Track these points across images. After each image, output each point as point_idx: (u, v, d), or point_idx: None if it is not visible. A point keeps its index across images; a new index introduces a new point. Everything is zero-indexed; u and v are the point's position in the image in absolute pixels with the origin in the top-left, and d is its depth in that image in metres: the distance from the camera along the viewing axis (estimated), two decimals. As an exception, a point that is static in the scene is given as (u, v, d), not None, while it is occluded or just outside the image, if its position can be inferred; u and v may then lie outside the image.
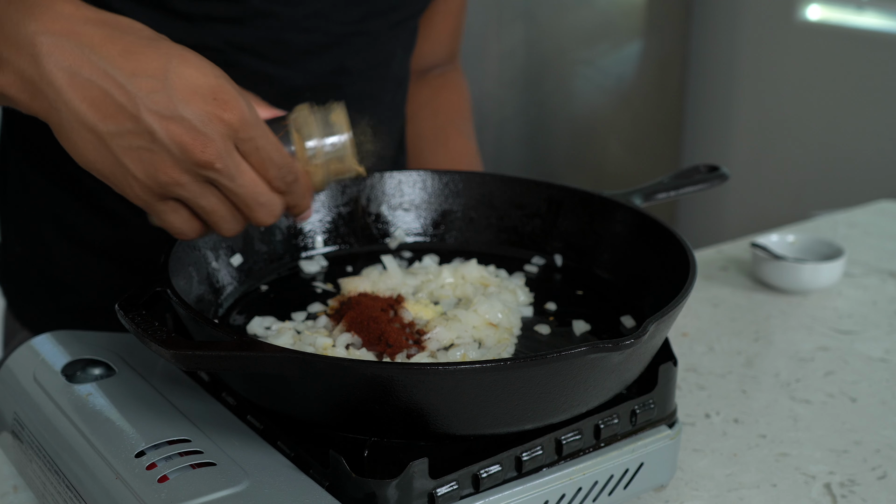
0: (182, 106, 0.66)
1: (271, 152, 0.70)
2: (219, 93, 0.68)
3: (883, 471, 0.90)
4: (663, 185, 1.00)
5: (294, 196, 0.74)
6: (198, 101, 0.67)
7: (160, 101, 0.66)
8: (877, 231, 1.49)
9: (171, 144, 0.67)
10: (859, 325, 1.18)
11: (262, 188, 0.71)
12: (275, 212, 0.73)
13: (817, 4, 2.89)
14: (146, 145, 0.67)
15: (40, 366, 0.82)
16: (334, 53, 1.03)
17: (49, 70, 0.67)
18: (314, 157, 0.74)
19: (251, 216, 0.72)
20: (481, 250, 0.98)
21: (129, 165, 0.68)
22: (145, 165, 0.68)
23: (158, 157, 0.67)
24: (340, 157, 0.75)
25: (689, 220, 3.27)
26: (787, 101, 2.98)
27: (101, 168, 0.69)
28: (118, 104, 0.66)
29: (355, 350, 0.78)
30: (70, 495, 0.72)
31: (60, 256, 1.10)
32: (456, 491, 0.69)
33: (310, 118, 0.75)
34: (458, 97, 1.30)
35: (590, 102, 2.99)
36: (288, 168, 0.72)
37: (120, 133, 0.67)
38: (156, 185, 0.69)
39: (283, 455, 0.72)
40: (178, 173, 0.68)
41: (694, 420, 0.97)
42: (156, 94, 0.66)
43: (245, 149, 0.69)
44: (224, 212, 0.71)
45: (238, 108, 0.68)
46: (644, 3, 3.02)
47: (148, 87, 0.66)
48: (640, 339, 0.68)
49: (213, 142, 0.67)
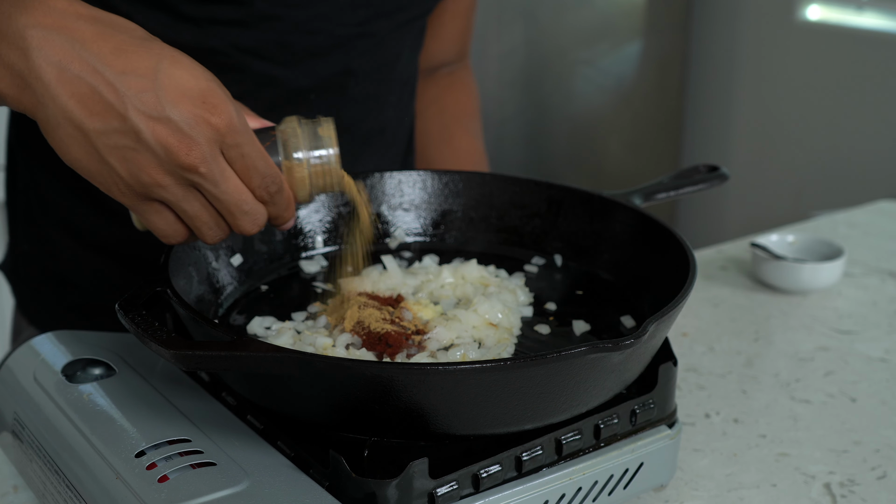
0: (170, 107, 0.66)
1: (256, 160, 0.70)
2: (208, 96, 0.67)
3: (883, 471, 0.90)
4: (663, 185, 1.00)
5: (277, 207, 0.73)
6: (186, 104, 0.66)
7: (148, 102, 0.66)
8: (877, 231, 1.49)
9: (157, 146, 0.66)
10: (859, 325, 1.18)
11: (246, 196, 0.70)
12: (258, 221, 0.72)
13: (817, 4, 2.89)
14: (131, 145, 0.66)
15: (40, 366, 0.82)
16: (339, 55, 1.03)
17: (38, 64, 0.66)
18: (300, 168, 0.74)
19: (234, 224, 0.72)
20: (481, 250, 0.98)
21: (114, 164, 0.67)
22: (129, 165, 0.67)
23: (143, 158, 0.67)
24: (327, 170, 0.75)
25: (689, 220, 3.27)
26: (787, 101, 2.98)
27: (85, 165, 0.68)
28: (106, 102, 0.66)
29: (355, 350, 0.78)
30: (70, 495, 0.72)
31: (67, 255, 1.11)
32: (456, 491, 0.69)
33: (298, 130, 0.74)
34: (466, 96, 1.30)
35: (590, 102, 2.99)
36: (272, 178, 0.71)
37: (106, 131, 0.66)
38: (139, 186, 0.68)
39: (283, 455, 0.72)
40: (161, 175, 0.67)
41: (694, 420, 0.97)
42: (144, 93, 0.66)
43: (231, 155, 0.69)
44: (207, 218, 0.71)
45: (226, 113, 0.67)
46: (644, 3, 3.02)
47: (137, 86, 0.66)
48: (640, 339, 0.68)
49: (199, 145, 0.66)
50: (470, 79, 1.31)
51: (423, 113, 1.26)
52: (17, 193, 1.15)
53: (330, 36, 1.01)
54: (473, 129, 1.28)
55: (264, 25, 0.98)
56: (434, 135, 1.26)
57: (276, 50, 1.00)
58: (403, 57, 1.11)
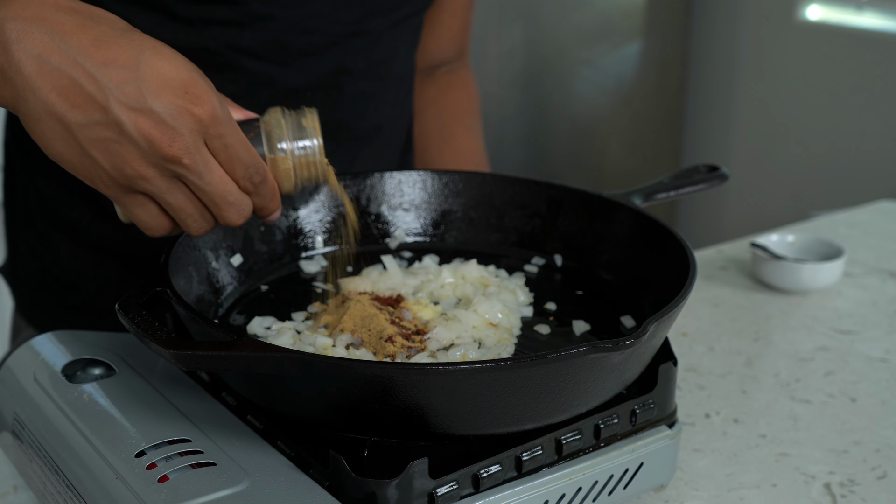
0: (152, 99, 0.65)
1: (240, 151, 0.69)
2: (190, 87, 0.66)
3: (883, 471, 0.90)
4: (663, 185, 1.00)
5: (261, 198, 0.73)
6: (168, 95, 0.66)
7: (130, 93, 0.65)
8: (877, 231, 1.49)
9: (139, 137, 0.65)
10: (859, 325, 1.18)
11: (230, 187, 0.70)
12: (243, 212, 0.72)
13: (817, 4, 2.89)
14: (114, 137, 0.66)
15: (40, 366, 0.82)
16: (334, 53, 1.03)
17: (18, 57, 0.65)
18: (284, 160, 0.74)
19: (220, 215, 0.71)
20: (481, 250, 0.98)
21: (97, 157, 0.67)
22: (112, 157, 0.66)
23: (125, 150, 0.66)
24: (311, 161, 0.75)
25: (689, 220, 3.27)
26: (787, 101, 2.98)
27: (69, 158, 0.68)
28: (87, 94, 0.65)
29: (355, 350, 0.78)
30: (70, 495, 0.72)
31: (65, 255, 1.11)
32: (456, 491, 0.69)
33: (282, 121, 0.74)
34: (466, 95, 1.29)
35: (590, 102, 2.99)
36: (256, 168, 0.71)
37: (88, 124, 0.66)
38: (122, 178, 0.67)
39: (283, 455, 0.72)
40: (144, 167, 0.67)
41: (694, 420, 0.97)
42: (126, 85, 0.65)
43: (214, 146, 0.68)
44: (192, 209, 0.70)
45: (209, 104, 0.67)
46: (644, 3, 3.02)
47: (119, 77, 0.65)
48: (640, 339, 0.68)
49: (182, 136, 0.66)
50: (470, 77, 1.31)
51: (423, 112, 1.26)
52: (16, 194, 1.15)
53: (325, 34, 1.01)
54: (473, 127, 1.28)
55: (259, 25, 0.98)
56: (434, 134, 1.26)
57: (272, 49, 0.99)
58: (400, 54, 1.11)
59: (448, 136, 1.26)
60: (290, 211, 0.95)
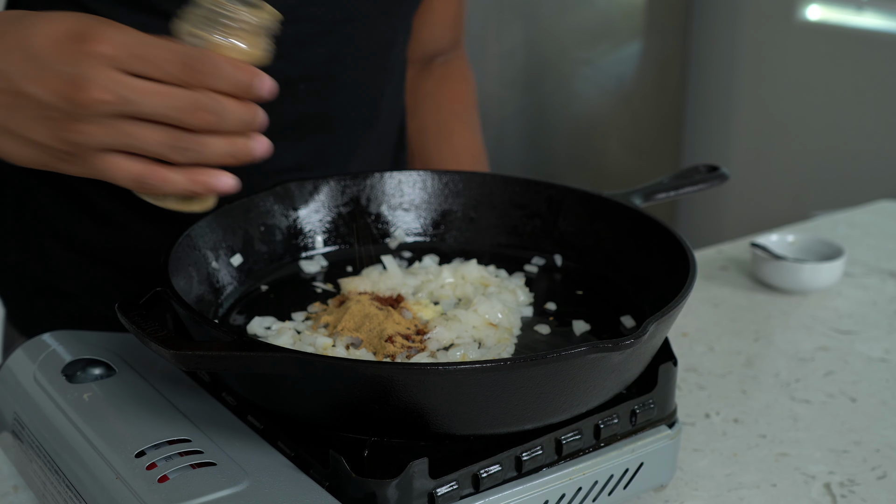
0: (49, 60, 0.65)
1: (160, 52, 0.65)
2: (81, 30, 0.65)
3: (883, 471, 0.90)
4: (663, 185, 1.00)
5: (217, 77, 0.65)
6: (61, 48, 0.65)
7: (30, 68, 0.65)
8: (877, 231, 1.49)
9: (57, 100, 0.65)
10: (859, 325, 1.18)
11: (179, 95, 0.65)
12: (212, 108, 0.65)
13: (817, 4, 2.89)
14: (38, 114, 0.66)
15: (40, 366, 0.82)
16: (326, 42, 1.02)
17: None
18: (218, 39, 0.67)
19: (194, 124, 0.65)
20: (481, 250, 0.98)
21: (38, 139, 0.67)
22: (50, 132, 0.66)
23: (56, 119, 0.65)
24: (241, 20, 0.67)
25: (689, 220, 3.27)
26: (787, 101, 2.98)
27: (26, 156, 0.68)
28: (1, 89, 0.66)
29: (355, 350, 0.78)
30: (70, 495, 0.72)
31: (57, 263, 1.08)
32: (456, 491, 0.69)
33: (192, 13, 0.68)
34: (463, 87, 1.27)
35: (590, 102, 2.99)
36: (187, 56, 0.65)
37: (12, 115, 0.66)
38: (72, 147, 0.66)
39: (283, 455, 0.72)
40: (81, 125, 0.65)
41: (694, 420, 0.97)
42: (24, 62, 0.65)
43: (137, 68, 0.65)
44: (162, 137, 0.66)
45: (105, 37, 0.65)
46: (644, 3, 3.02)
47: (16, 59, 0.66)
48: (640, 339, 0.68)
49: (93, 79, 0.64)
50: (466, 68, 1.29)
51: (420, 107, 1.24)
52: (7, 202, 1.13)
53: (315, 23, 1.00)
54: (472, 122, 1.26)
55: None
56: (432, 131, 1.24)
57: None
58: (392, 43, 1.09)
59: (447, 133, 1.24)
60: (290, 211, 0.95)
